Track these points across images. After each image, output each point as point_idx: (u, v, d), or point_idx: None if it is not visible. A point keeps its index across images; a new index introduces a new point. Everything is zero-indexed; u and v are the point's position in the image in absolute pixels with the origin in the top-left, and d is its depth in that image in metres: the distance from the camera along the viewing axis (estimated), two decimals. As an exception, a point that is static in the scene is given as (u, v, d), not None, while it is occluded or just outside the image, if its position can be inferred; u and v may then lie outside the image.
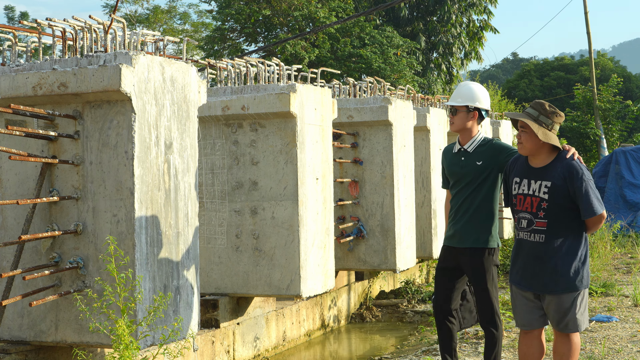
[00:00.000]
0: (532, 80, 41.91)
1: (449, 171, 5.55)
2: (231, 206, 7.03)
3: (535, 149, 4.70)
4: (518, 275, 4.84)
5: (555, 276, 4.66)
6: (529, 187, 4.74)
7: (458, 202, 5.44)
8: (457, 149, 5.50)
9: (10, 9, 38.49)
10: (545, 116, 4.67)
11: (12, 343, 5.10)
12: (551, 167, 4.69)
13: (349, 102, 8.85)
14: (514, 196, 4.85)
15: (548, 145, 4.70)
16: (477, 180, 5.36)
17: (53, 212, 4.97)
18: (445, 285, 5.50)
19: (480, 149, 5.41)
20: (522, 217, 4.76)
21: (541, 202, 4.67)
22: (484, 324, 5.42)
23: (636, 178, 16.13)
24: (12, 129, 4.53)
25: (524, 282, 4.81)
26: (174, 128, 5.16)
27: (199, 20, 32.14)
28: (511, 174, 4.91)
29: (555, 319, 4.75)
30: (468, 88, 5.48)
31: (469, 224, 5.37)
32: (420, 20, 26.44)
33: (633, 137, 24.59)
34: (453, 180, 5.51)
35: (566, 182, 4.62)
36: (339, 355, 8.21)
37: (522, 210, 4.76)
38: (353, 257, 8.88)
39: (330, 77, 15.54)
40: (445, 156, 5.62)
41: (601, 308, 8.44)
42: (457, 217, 5.43)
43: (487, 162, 5.35)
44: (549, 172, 4.68)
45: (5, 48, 5.63)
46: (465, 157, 5.42)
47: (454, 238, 5.44)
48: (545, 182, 4.66)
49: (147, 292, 4.82)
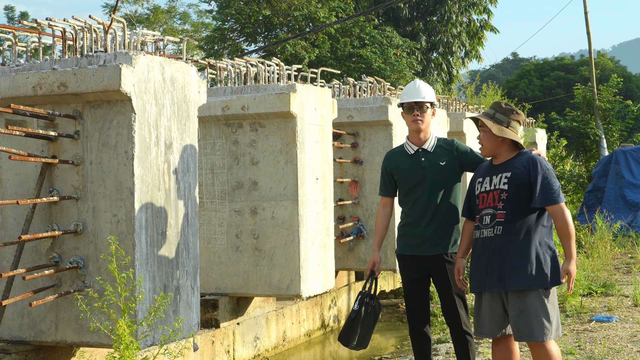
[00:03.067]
0: (532, 80, 41.89)
1: (405, 175, 5.17)
2: (231, 206, 7.03)
3: (494, 148, 4.64)
4: (477, 278, 4.61)
5: (513, 270, 4.43)
6: (490, 183, 4.62)
7: (421, 206, 5.09)
8: (412, 150, 5.17)
9: (10, 9, 38.49)
10: (502, 113, 4.63)
11: (12, 343, 5.10)
12: (512, 160, 4.61)
13: (349, 102, 8.85)
14: (477, 196, 4.70)
15: (507, 143, 4.64)
16: (442, 181, 5.09)
17: (53, 212, 4.97)
18: (420, 298, 5.19)
19: (439, 148, 5.15)
20: (485, 213, 4.60)
21: (501, 193, 4.53)
22: (458, 332, 5.15)
23: (636, 178, 16.12)
24: (12, 129, 4.53)
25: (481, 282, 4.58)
26: (174, 128, 5.16)
27: (199, 20, 32.14)
28: (474, 178, 4.81)
29: (517, 324, 4.46)
30: (426, 85, 5.21)
31: (441, 229, 5.07)
32: (420, 20, 26.45)
33: (633, 137, 24.58)
34: (411, 184, 5.14)
35: (527, 171, 4.49)
36: (339, 355, 8.21)
37: (485, 207, 4.61)
38: (353, 257, 8.88)
39: (330, 77, 15.54)
40: (395, 160, 5.24)
41: (601, 308, 8.43)
42: (424, 222, 5.08)
43: (451, 161, 5.11)
44: (509, 165, 4.59)
45: (5, 48, 5.63)
46: (426, 158, 5.13)
47: (422, 246, 5.10)
48: (506, 174, 4.55)
49: (148, 292, 4.82)
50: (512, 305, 4.49)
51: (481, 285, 4.60)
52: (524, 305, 4.44)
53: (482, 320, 4.69)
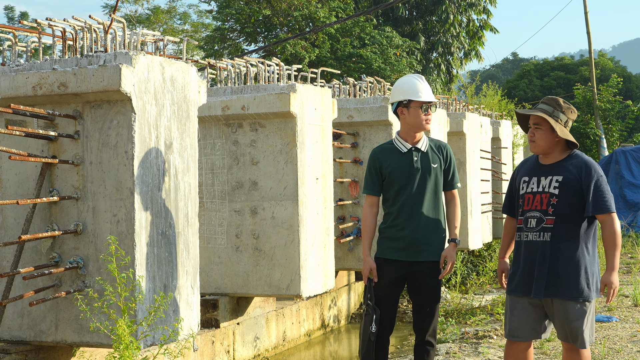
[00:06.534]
0: (532, 80, 41.90)
1: (395, 173, 4.96)
2: (231, 206, 7.03)
3: (549, 147, 4.42)
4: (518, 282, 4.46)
5: (561, 279, 4.29)
6: (538, 185, 4.42)
7: (409, 208, 4.91)
8: (405, 148, 4.98)
9: (10, 9, 38.49)
10: (561, 112, 4.41)
11: (12, 343, 5.10)
12: (564, 162, 4.40)
13: (349, 102, 8.85)
14: (522, 196, 4.49)
15: (562, 143, 4.43)
16: (432, 184, 4.93)
17: (53, 212, 4.97)
18: (392, 305, 5.01)
19: (431, 150, 5.00)
20: (531, 216, 4.41)
21: (551, 197, 4.34)
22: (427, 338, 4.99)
23: (636, 178, 16.14)
24: (12, 129, 4.53)
25: (524, 287, 4.42)
26: (174, 128, 5.16)
27: (199, 20, 32.13)
28: (519, 175, 4.58)
29: (562, 330, 4.37)
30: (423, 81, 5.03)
31: (428, 234, 4.91)
32: (420, 19, 26.44)
33: (633, 137, 24.58)
34: (401, 183, 4.94)
35: (579, 176, 4.31)
36: (339, 355, 8.21)
37: (531, 209, 4.41)
38: (353, 257, 8.88)
39: (330, 77, 15.54)
40: (385, 156, 5.02)
41: (601, 308, 8.43)
42: (411, 226, 4.90)
43: (440, 166, 4.97)
44: (561, 167, 4.37)
45: (5, 48, 5.63)
46: (420, 157, 4.96)
47: (407, 250, 4.92)
48: (557, 177, 4.35)
49: (148, 292, 4.82)
50: (557, 312, 4.36)
51: (524, 290, 4.43)
52: (568, 314, 4.32)
53: (517, 324, 4.48)
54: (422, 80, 5.05)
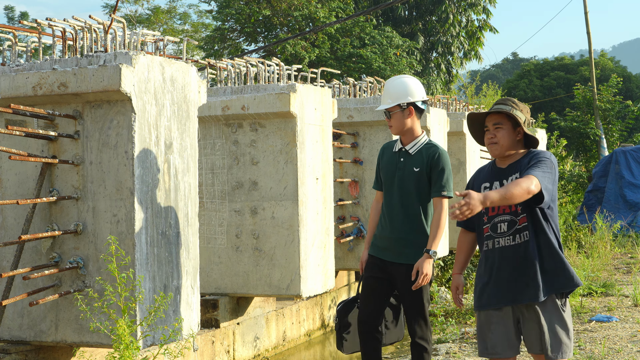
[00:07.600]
0: (532, 80, 41.90)
1: (383, 170, 5.06)
2: (231, 206, 7.03)
3: (511, 146, 4.17)
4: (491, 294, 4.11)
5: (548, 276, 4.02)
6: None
7: (391, 208, 4.95)
8: (397, 147, 5.04)
9: (10, 9, 38.48)
10: (519, 110, 4.20)
11: (12, 343, 5.10)
12: (521, 160, 4.18)
13: (349, 102, 8.85)
14: None
15: (521, 143, 4.21)
16: (413, 187, 4.92)
17: (53, 212, 4.97)
18: (376, 296, 5.01)
19: (420, 154, 4.95)
20: (500, 221, 4.12)
21: None
22: (416, 340, 4.96)
23: (636, 178, 16.13)
24: (12, 129, 4.53)
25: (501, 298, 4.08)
26: (174, 128, 5.16)
27: (199, 20, 32.15)
28: (476, 183, 4.30)
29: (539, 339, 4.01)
30: (395, 84, 5.00)
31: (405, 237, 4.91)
32: (419, 19, 26.44)
33: (633, 137, 24.58)
34: (386, 182, 5.01)
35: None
36: (338, 355, 8.21)
37: (499, 213, 4.13)
38: (353, 257, 8.88)
39: (330, 77, 15.54)
40: (383, 154, 5.14)
41: (601, 308, 8.43)
42: (391, 226, 4.95)
43: (422, 171, 4.91)
44: (519, 166, 4.13)
45: (5, 48, 5.63)
46: (405, 159, 4.98)
47: (387, 251, 4.96)
48: (516, 174, 4.09)
49: (148, 292, 4.82)
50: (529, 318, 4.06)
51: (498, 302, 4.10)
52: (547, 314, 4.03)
53: (493, 341, 4.14)
54: (390, 84, 5.06)
